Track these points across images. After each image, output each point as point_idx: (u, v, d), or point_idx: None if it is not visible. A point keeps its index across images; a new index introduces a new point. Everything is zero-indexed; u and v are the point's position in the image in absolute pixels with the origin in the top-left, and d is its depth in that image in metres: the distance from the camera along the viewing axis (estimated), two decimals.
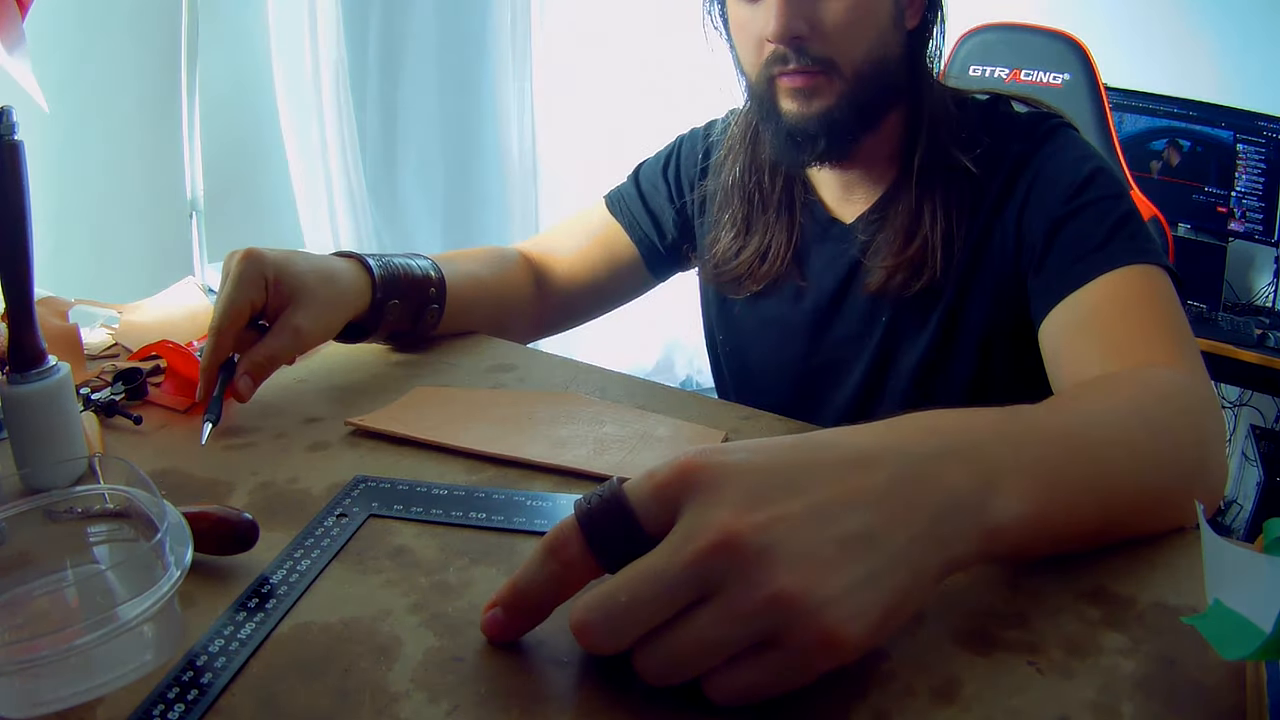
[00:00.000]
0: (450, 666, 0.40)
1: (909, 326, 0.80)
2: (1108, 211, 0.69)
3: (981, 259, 0.77)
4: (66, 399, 0.54)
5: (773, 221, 0.83)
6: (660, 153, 0.98)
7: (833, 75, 0.72)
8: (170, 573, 0.39)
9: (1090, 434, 0.46)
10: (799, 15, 0.69)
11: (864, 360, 0.83)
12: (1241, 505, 2.23)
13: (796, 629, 0.33)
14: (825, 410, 0.87)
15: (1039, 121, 0.78)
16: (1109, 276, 0.66)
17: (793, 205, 0.83)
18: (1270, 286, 2.29)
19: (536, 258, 0.95)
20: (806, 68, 0.71)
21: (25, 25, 0.76)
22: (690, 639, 0.34)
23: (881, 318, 0.81)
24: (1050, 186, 0.73)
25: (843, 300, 0.83)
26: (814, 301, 0.84)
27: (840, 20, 0.70)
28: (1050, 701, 0.38)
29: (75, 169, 1.46)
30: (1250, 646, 0.32)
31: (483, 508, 0.53)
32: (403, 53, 2.04)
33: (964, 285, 0.77)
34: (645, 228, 0.95)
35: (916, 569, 0.36)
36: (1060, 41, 1.35)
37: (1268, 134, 2.14)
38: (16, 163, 0.50)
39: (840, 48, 0.71)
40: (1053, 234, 0.71)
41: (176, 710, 0.36)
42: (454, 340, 0.86)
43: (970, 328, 0.78)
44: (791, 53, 0.71)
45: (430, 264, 0.80)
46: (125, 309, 0.88)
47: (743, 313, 0.89)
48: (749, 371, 0.92)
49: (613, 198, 0.98)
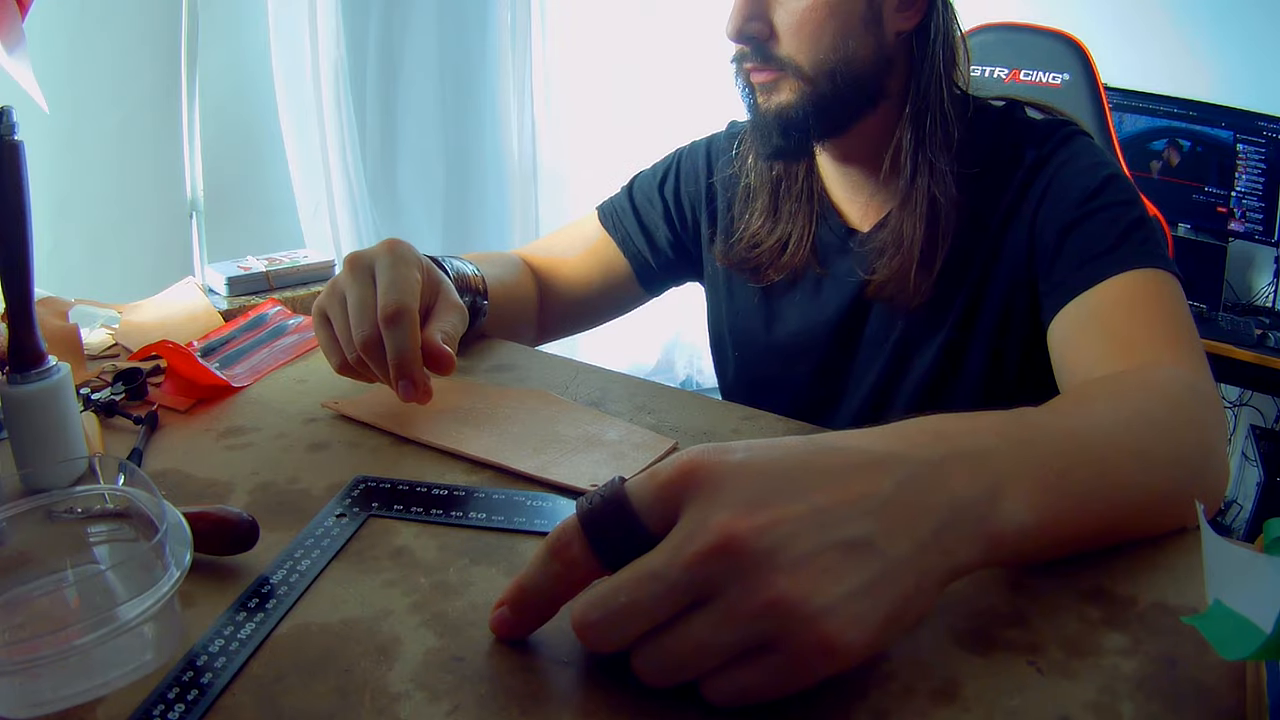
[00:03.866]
0: (450, 666, 0.40)
1: (923, 332, 0.80)
2: (1120, 216, 0.70)
3: (994, 265, 0.77)
4: (66, 399, 0.54)
5: (794, 212, 0.83)
6: (657, 166, 0.97)
7: (793, 75, 0.72)
8: (170, 573, 0.39)
9: (1095, 437, 0.46)
10: (754, 16, 0.70)
11: (877, 365, 0.83)
12: (1241, 505, 2.23)
13: (794, 635, 0.33)
14: (835, 414, 0.87)
15: (1054, 129, 0.77)
16: (1118, 278, 0.66)
17: (812, 198, 0.83)
18: (1270, 286, 2.29)
19: (538, 265, 0.95)
20: (764, 66, 0.72)
21: (25, 25, 0.76)
22: (688, 641, 0.34)
23: (897, 322, 0.81)
24: (1064, 191, 0.73)
25: (859, 310, 0.83)
26: (833, 311, 0.84)
27: (797, 22, 0.70)
28: (1050, 701, 0.38)
29: (75, 169, 1.46)
30: (1250, 646, 0.32)
31: (483, 508, 0.53)
32: (403, 53, 2.04)
33: (977, 291, 0.77)
34: (638, 243, 0.95)
35: (920, 576, 0.35)
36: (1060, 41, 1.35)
37: (1268, 134, 2.14)
38: (16, 163, 0.50)
39: (800, 48, 0.71)
40: (1064, 237, 0.71)
41: (176, 710, 0.36)
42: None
43: (982, 332, 0.78)
44: (750, 50, 0.72)
45: (473, 266, 0.80)
46: (125, 309, 0.88)
47: (759, 305, 0.88)
48: (759, 371, 0.91)
49: (605, 210, 0.97)
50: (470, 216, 2.28)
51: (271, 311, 0.88)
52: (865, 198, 0.81)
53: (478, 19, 2.18)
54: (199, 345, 0.80)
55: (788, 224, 0.82)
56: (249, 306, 0.89)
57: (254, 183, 1.84)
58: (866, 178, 0.80)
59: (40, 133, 1.33)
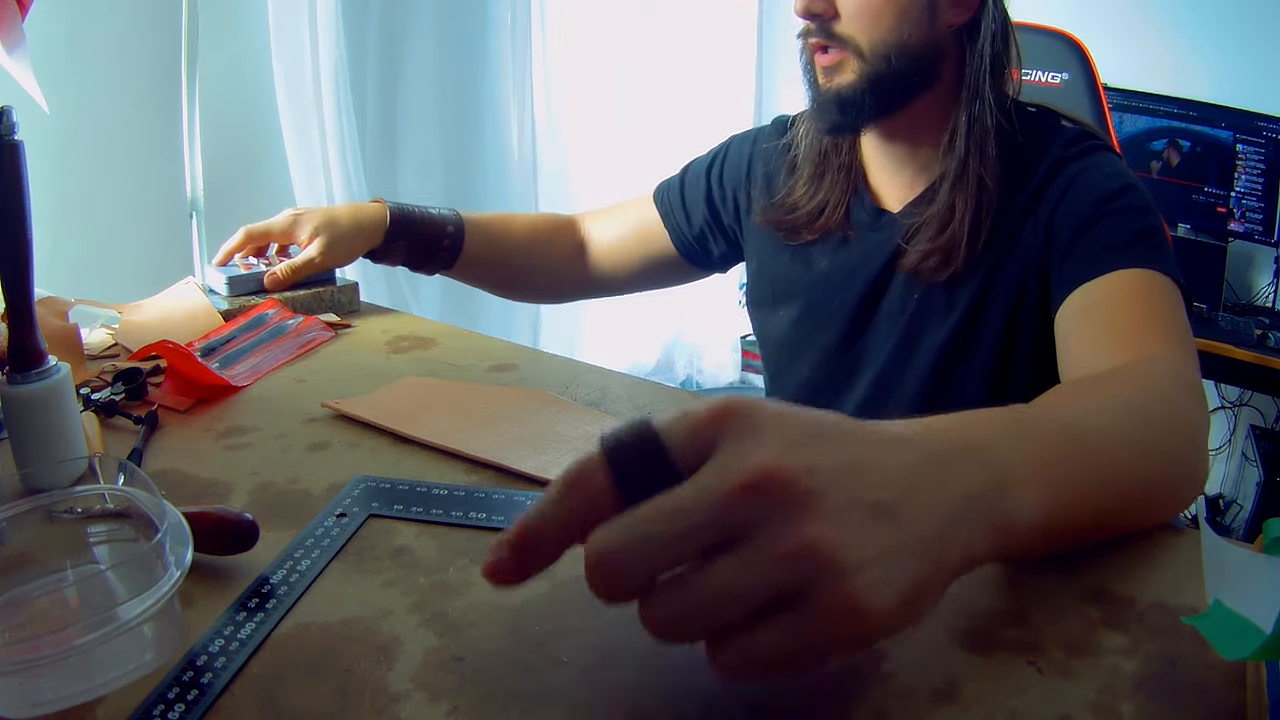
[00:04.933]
0: (450, 666, 0.40)
1: (936, 309, 0.85)
2: (1135, 220, 0.74)
3: (1009, 252, 0.81)
4: (66, 399, 0.54)
5: (834, 182, 0.90)
6: (710, 152, 1.06)
7: (854, 54, 0.78)
8: (170, 573, 0.39)
9: (1089, 429, 0.47)
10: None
11: (892, 339, 0.87)
12: (1241, 505, 2.23)
13: (822, 588, 0.31)
14: (848, 391, 0.91)
15: (1085, 137, 0.83)
16: (1124, 273, 0.70)
17: (850, 171, 0.90)
18: (1270, 286, 2.29)
19: (585, 227, 1.09)
20: (827, 42, 0.78)
21: (25, 25, 0.76)
22: (710, 584, 0.31)
23: (914, 296, 0.85)
24: (1083, 193, 0.77)
25: (884, 286, 0.88)
26: (860, 282, 0.89)
27: (859, 4, 0.76)
28: (1050, 701, 0.38)
29: (75, 169, 1.46)
30: (1250, 646, 0.32)
31: (483, 508, 0.53)
32: (403, 53, 2.04)
33: (990, 275, 0.82)
34: (678, 218, 1.05)
35: (939, 556, 0.34)
36: (1060, 41, 1.35)
37: (1268, 134, 2.14)
38: (16, 163, 0.50)
39: (860, 28, 0.76)
40: (1079, 234, 0.76)
41: (176, 710, 0.36)
42: (456, 341, 0.86)
43: (993, 314, 0.82)
44: (815, 26, 0.78)
45: (454, 214, 1.01)
46: (125, 309, 0.88)
47: (799, 269, 0.94)
48: (794, 333, 0.96)
49: (659, 187, 1.08)
50: None
51: (271, 312, 0.88)
52: (905, 177, 0.87)
53: (478, 19, 2.18)
54: (199, 345, 0.80)
55: (827, 193, 0.90)
56: (249, 306, 0.89)
57: (254, 183, 1.84)
58: (909, 157, 0.86)
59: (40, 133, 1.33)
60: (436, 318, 1.73)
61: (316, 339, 0.85)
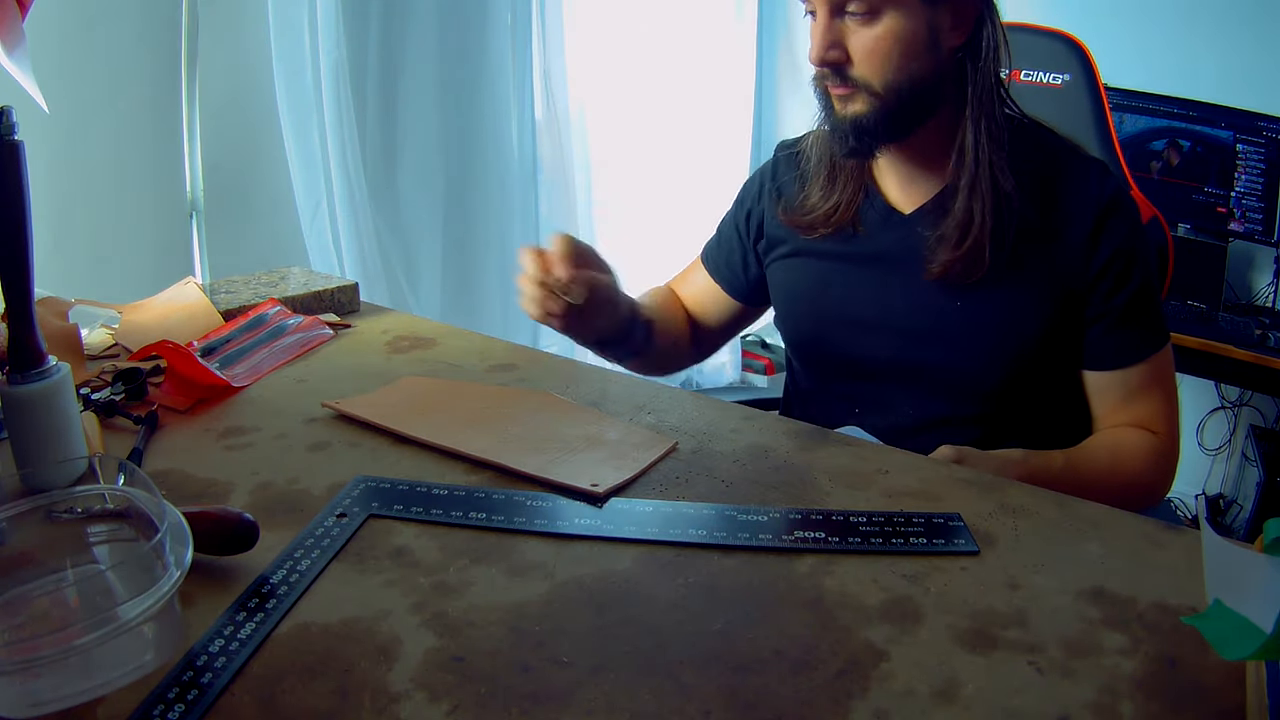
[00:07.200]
0: (450, 666, 0.40)
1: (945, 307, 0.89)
2: (1155, 284, 0.88)
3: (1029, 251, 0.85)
4: (66, 399, 0.54)
5: (844, 185, 0.95)
6: (731, 206, 1.09)
7: (867, 92, 0.82)
8: (170, 573, 0.39)
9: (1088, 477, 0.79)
10: (833, 45, 0.81)
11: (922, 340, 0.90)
12: (1241, 505, 2.23)
13: None
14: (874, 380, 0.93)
15: (1095, 163, 0.88)
16: (1150, 361, 0.87)
17: (861, 174, 0.94)
18: (1270, 286, 2.29)
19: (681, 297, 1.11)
20: (841, 87, 0.82)
21: (25, 25, 0.76)
22: None
23: (956, 302, 0.89)
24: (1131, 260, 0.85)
25: (905, 284, 0.90)
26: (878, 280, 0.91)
27: (868, 50, 0.80)
28: (1050, 701, 0.38)
29: (75, 169, 1.46)
30: (1250, 646, 0.32)
31: (483, 508, 0.53)
32: (403, 53, 2.04)
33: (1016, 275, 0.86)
34: (723, 270, 1.08)
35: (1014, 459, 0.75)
36: (1060, 42, 1.35)
37: (1268, 134, 2.13)
38: (16, 163, 0.50)
39: (872, 71, 0.81)
40: (1128, 305, 0.85)
41: (176, 710, 0.36)
42: (456, 341, 0.86)
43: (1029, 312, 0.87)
44: (831, 73, 0.82)
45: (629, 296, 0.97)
46: (125, 309, 0.88)
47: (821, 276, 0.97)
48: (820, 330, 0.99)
49: (704, 251, 1.10)
50: (470, 216, 2.28)
51: (271, 311, 0.88)
52: (917, 182, 0.91)
53: (478, 19, 2.18)
54: (199, 345, 0.80)
55: (839, 195, 0.95)
56: (249, 306, 0.89)
57: (254, 183, 1.84)
58: (920, 166, 0.89)
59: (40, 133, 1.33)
60: (436, 318, 1.73)
61: (316, 339, 0.85)
